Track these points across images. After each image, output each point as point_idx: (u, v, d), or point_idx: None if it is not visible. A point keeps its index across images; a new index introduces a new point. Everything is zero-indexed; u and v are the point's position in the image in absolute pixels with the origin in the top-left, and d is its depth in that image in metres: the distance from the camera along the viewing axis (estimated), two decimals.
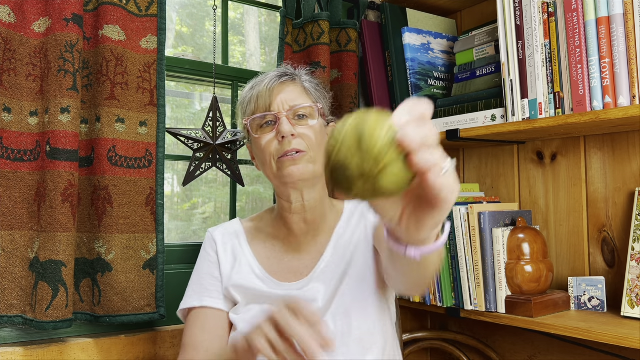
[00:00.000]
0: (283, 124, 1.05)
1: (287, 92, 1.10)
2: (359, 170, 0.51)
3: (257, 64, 2.02)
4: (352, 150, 0.51)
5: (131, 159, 1.28)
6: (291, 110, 1.08)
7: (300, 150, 1.05)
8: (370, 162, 0.51)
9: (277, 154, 1.06)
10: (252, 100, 1.11)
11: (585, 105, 1.22)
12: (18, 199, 1.17)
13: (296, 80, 1.13)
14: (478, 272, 1.40)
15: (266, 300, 1.08)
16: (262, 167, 1.13)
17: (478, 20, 1.78)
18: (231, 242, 1.16)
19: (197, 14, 1.91)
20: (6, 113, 1.17)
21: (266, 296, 1.08)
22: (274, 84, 1.10)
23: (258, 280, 1.10)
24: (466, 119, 1.51)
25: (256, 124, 1.10)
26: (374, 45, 1.68)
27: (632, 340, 1.12)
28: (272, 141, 1.07)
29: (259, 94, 1.10)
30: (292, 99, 1.09)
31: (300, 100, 1.10)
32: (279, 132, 1.05)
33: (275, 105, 1.08)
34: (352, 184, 0.52)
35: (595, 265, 1.46)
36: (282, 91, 1.10)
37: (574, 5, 1.24)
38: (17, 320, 1.16)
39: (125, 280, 1.25)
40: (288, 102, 1.09)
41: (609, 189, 1.44)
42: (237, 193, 1.58)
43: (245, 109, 1.14)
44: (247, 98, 1.14)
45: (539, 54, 1.31)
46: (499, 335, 1.67)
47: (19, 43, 1.18)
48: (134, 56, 1.30)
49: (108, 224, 1.24)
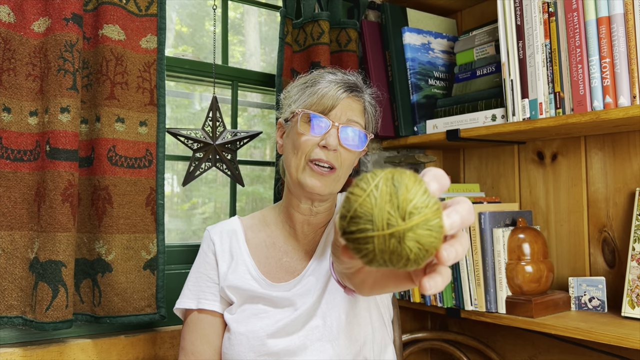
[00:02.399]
0: (332, 135, 1.05)
1: (350, 108, 1.08)
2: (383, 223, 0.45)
3: (257, 63, 2.02)
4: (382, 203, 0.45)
5: (131, 159, 1.28)
6: (344, 126, 1.07)
7: (333, 166, 1.06)
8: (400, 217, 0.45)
9: (311, 157, 1.06)
10: (316, 94, 1.08)
11: (586, 105, 1.22)
12: (18, 199, 1.17)
13: (361, 99, 1.12)
14: (478, 272, 1.40)
15: (260, 300, 1.09)
16: (287, 154, 1.11)
17: (478, 20, 1.78)
18: (229, 241, 1.16)
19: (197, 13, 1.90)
20: (6, 113, 1.17)
21: (260, 297, 1.09)
22: (345, 94, 1.08)
23: (253, 280, 1.11)
24: (466, 119, 1.50)
25: (307, 117, 1.08)
26: (374, 45, 1.68)
27: (632, 340, 1.12)
28: (313, 143, 1.06)
29: (326, 94, 1.07)
30: (350, 116, 1.08)
31: (358, 118, 1.09)
32: (325, 140, 1.05)
33: (335, 114, 1.07)
34: (369, 238, 0.46)
35: (596, 266, 1.46)
36: (347, 104, 1.08)
37: (575, 5, 1.24)
38: (17, 321, 1.16)
39: (125, 280, 1.25)
40: (348, 115, 1.07)
41: (610, 189, 1.44)
42: (237, 193, 1.58)
43: (301, 96, 1.11)
44: (307, 87, 1.11)
45: (540, 54, 1.31)
46: (499, 336, 1.67)
47: (18, 43, 1.18)
48: (133, 56, 1.30)
49: (108, 224, 1.23)
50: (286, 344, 1.04)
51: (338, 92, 1.07)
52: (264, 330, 1.05)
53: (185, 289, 1.16)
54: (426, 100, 1.66)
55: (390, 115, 1.66)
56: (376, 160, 1.74)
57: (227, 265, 1.13)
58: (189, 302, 1.13)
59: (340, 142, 1.06)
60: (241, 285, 1.10)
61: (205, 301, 1.12)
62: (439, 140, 1.57)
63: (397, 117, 1.64)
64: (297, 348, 1.04)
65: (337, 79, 1.10)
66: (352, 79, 1.13)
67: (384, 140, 1.72)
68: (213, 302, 1.12)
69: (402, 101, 1.64)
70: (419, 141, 1.63)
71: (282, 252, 1.15)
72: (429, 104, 1.66)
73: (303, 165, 1.06)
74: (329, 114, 1.06)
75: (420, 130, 1.63)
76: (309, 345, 1.04)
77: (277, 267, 1.13)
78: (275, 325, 1.05)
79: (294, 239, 1.15)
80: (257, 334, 1.05)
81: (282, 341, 1.04)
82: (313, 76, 1.13)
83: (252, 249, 1.15)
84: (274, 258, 1.14)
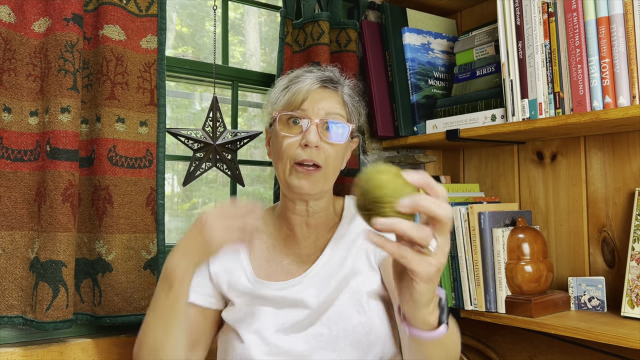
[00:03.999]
0: (311, 132, 1.04)
1: (326, 100, 1.07)
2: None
3: (257, 64, 2.02)
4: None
5: (131, 159, 1.28)
6: (323, 121, 1.06)
7: (318, 165, 1.05)
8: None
9: (295, 159, 1.05)
10: (289, 93, 1.08)
11: (585, 105, 1.23)
12: (18, 199, 1.17)
13: (338, 90, 1.11)
14: (478, 272, 1.40)
15: (259, 301, 1.08)
16: (274, 160, 1.12)
17: (478, 20, 1.78)
18: None
19: (197, 14, 1.91)
20: (6, 113, 1.17)
21: (258, 297, 1.08)
22: (316, 86, 1.07)
23: (248, 282, 1.10)
24: (466, 119, 1.51)
25: (284, 119, 1.08)
26: (374, 45, 1.68)
27: (632, 340, 1.13)
28: (295, 144, 1.05)
29: (298, 90, 1.07)
30: (329, 109, 1.07)
31: (337, 110, 1.08)
32: (305, 139, 1.04)
33: (311, 109, 1.06)
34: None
35: (595, 265, 1.46)
36: (322, 97, 1.07)
37: (574, 5, 1.24)
38: (17, 321, 1.16)
39: (125, 280, 1.25)
40: (324, 110, 1.06)
41: (609, 189, 1.44)
42: (237, 193, 1.58)
43: (277, 99, 1.11)
44: (283, 89, 1.10)
45: (539, 54, 1.31)
46: (499, 335, 1.67)
47: (19, 43, 1.18)
48: (134, 56, 1.30)
49: (108, 224, 1.24)
50: (288, 346, 1.03)
51: (312, 85, 1.07)
52: (267, 329, 1.04)
53: None
54: (426, 100, 1.66)
55: (390, 115, 1.66)
56: (376, 160, 1.75)
57: (223, 265, 1.12)
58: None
59: (321, 138, 1.05)
60: (238, 286, 1.10)
61: (194, 294, 1.11)
62: (439, 140, 1.57)
63: (397, 117, 1.64)
64: (300, 354, 1.03)
65: (311, 75, 1.10)
66: (327, 73, 1.12)
67: (384, 140, 1.73)
68: (199, 296, 1.11)
69: (402, 101, 1.64)
70: (418, 141, 1.63)
71: (282, 255, 1.14)
72: (429, 104, 1.66)
73: (289, 168, 1.06)
74: (306, 111, 1.05)
75: (420, 131, 1.63)
76: (313, 352, 1.02)
77: (278, 270, 1.12)
78: (275, 325, 1.05)
79: (293, 241, 1.14)
80: (261, 334, 1.04)
81: (284, 342, 1.03)
82: (289, 77, 1.12)
83: (252, 250, 1.14)
84: (275, 261, 1.13)
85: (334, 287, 1.06)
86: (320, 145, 1.05)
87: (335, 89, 1.10)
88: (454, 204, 1.47)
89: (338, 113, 1.08)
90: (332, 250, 1.11)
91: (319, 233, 1.14)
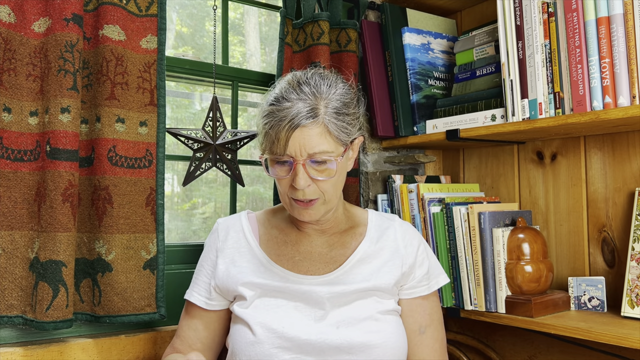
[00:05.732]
0: (299, 176, 1.02)
1: (307, 139, 1.01)
2: None
3: (257, 64, 2.02)
4: None
5: (131, 159, 1.28)
6: (309, 158, 1.02)
7: (313, 199, 1.06)
8: None
9: (291, 196, 1.07)
10: (270, 137, 1.03)
11: (585, 105, 1.23)
12: (18, 199, 1.17)
13: (319, 120, 1.02)
14: (478, 272, 1.40)
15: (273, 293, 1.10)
16: (277, 189, 1.12)
17: (478, 20, 1.78)
18: (236, 237, 1.18)
19: (197, 14, 1.91)
20: (6, 113, 1.17)
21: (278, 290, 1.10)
22: (293, 131, 1.00)
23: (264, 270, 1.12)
24: (466, 119, 1.51)
25: (272, 162, 1.07)
26: (374, 45, 1.68)
27: (632, 340, 1.13)
28: (288, 182, 1.05)
29: (278, 136, 1.01)
30: (312, 146, 1.01)
31: (320, 147, 1.01)
32: (295, 182, 1.03)
33: (294, 152, 1.01)
34: None
35: (595, 265, 1.46)
36: (302, 136, 1.00)
37: (574, 5, 1.24)
38: (17, 321, 1.16)
39: (125, 280, 1.25)
40: (307, 149, 1.01)
41: (609, 189, 1.44)
42: (237, 193, 1.58)
43: (262, 138, 1.07)
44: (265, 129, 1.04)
45: (539, 54, 1.31)
46: (499, 335, 1.67)
47: (19, 43, 1.18)
48: (134, 56, 1.30)
49: (108, 224, 1.24)
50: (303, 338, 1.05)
51: (289, 131, 1.00)
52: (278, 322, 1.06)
53: (193, 277, 1.21)
54: (426, 100, 1.66)
55: (390, 115, 1.66)
56: (376, 160, 1.75)
57: (229, 261, 1.15)
58: (189, 293, 1.19)
59: (310, 176, 1.04)
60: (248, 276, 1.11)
61: (197, 295, 1.17)
62: (439, 140, 1.57)
63: (397, 117, 1.64)
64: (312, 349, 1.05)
65: (287, 111, 1.01)
66: (301, 104, 1.02)
67: (384, 140, 1.73)
68: (200, 297, 1.17)
69: (402, 101, 1.64)
70: (418, 141, 1.63)
71: (294, 251, 1.16)
72: (429, 104, 1.66)
73: (288, 202, 1.09)
74: (290, 154, 1.01)
75: (420, 131, 1.63)
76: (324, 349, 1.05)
77: (291, 264, 1.14)
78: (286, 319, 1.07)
79: (307, 240, 1.17)
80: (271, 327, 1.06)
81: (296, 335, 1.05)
82: (269, 110, 1.04)
83: (264, 245, 1.17)
84: (286, 256, 1.16)
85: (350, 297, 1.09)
86: (312, 183, 1.05)
87: (315, 118, 1.01)
88: (454, 203, 1.47)
89: (323, 150, 1.02)
90: (357, 260, 1.14)
91: (330, 234, 1.18)
